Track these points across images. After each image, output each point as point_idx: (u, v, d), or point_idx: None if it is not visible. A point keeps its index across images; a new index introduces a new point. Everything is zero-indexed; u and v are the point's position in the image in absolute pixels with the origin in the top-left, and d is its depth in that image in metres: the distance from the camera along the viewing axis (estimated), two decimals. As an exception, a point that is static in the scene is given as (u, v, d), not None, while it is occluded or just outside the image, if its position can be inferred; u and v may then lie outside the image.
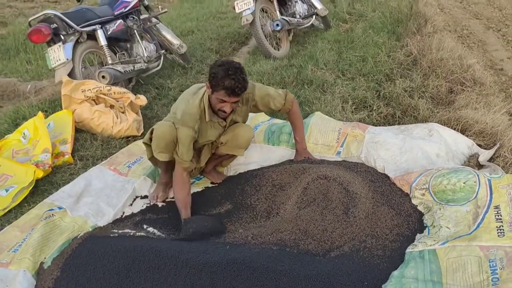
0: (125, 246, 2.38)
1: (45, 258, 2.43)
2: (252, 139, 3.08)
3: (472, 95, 3.92)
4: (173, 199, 3.04)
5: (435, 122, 3.47)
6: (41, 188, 3.09)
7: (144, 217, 2.84)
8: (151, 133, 2.85)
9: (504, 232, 2.19)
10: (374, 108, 3.83)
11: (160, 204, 2.99)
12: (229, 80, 2.52)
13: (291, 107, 3.11)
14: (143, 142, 3.00)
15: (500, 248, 2.11)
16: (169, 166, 2.99)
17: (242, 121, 3.05)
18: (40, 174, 3.08)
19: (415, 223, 2.56)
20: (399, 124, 3.64)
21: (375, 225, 2.53)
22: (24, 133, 3.49)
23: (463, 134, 3.33)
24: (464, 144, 3.21)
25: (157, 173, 3.24)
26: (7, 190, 2.92)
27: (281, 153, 3.34)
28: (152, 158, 3.01)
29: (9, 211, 2.87)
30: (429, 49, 4.69)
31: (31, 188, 2.99)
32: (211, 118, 2.81)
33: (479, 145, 3.26)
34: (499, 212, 2.31)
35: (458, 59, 4.52)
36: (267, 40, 5.41)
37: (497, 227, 2.24)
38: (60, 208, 2.78)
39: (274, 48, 5.58)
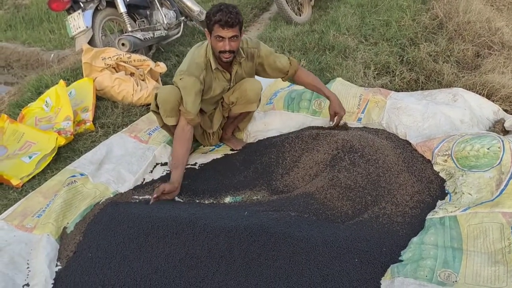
0: (144, 212, 2.42)
1: (68, 223, 2.49)
2: (261, 91, 3.04)
3: (499, 59, 3.79)
4: (193, 166, 3.06)
5: (460, 87, 3.37)
6: (63, 155, 3.14)
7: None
8: (156, 98, 2.85)
9: (528, 199, 2.14)
10: (397, 74, 3.74)
11: (180, 171, 3.00)
12: (220, 13, 2.59)
13: (297, 69, 3.07)
14: (152, 110, 2.99)
15: (524, 215, 2.06)
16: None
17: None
18: (62, 141, 3.13)
19: (437, 190, 2.52)
20: (422, 89, 3.55)
21: (396, 192, 2.49)
22: (46, 101, 3.53)
23: (489, 99, 3.23)
24: (489, 110, 3.12)
25: (176, 140, 3.25)
26: (30, 157, 2.98)
27: (301, 119, 3.30)
28: (164, 126, 3.02)
29: (33, 177, 2.94)
30: (456, 12, 4.52)
31: (53, 155, 3.05)
32: (216, 66, 2.82)
33: (506, 110, 3.18)
34: (523, 178, 2.26)
35: (486, 22, 4.35)
36: (288, 5, 5.31)
37: (521, 193, 2.18)
38: (82, 174, 2.83)
39: (296, 14, 5.48)
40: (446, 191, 2.48)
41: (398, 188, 2.51)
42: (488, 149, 2.45)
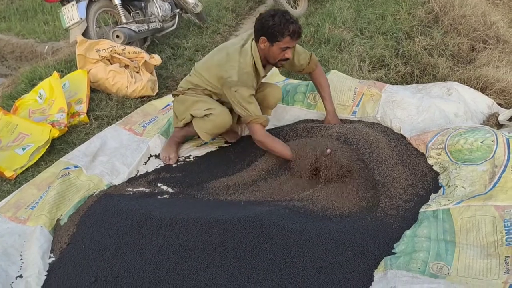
0: (138, 204, 2.42)
1: (61, 215, 2.49)
2: (280, 99, 3.08)
3: (494, 53, 3.79)
4: (188, 158, 3.06)
5: (455, 80, 3.37)
6: (57, 147, 3.13)
7: (158, 175, 2.86)
8: (206, 115, 2.78)
9: (521, 192, 2.14)
10: (392, 67, 3.75)
11: (173, 164, 3.00)
12: (291, 25, 2.52)
13: (316, 67, 3.05)
14: (175, 113, 2.98)
15: (516, 208, 2.06)
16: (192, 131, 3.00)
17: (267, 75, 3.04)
18: (56, 133, 3.12)
19: (430, 183, 2.52)
20: (417, 83, 3.55)
21: (389, 185, 2.50)
22: (40, 93, 3.52)
23: (483, 93, 3.23)
24: (483, 103, 3.13)
25: (170, 130, 3.23)
26: (24, 149, 2.97)
27: (296, 112, 3.30)
28: (180, 128, 3.01)
29: (26, 169, 2.94)
30: (452, 6, 4.51)
31: (47, 147, 3.04)
32: (264, 73, 2.80)
33: (500, 104, 3.18)
34: (516, 171, 2.26)
35: (481, 16, 4.34)
36: (284, -2, 5.29)
37: (513, 186, 2.19)
38: (76, 166, 2.82)
39: (291, 7, 5.46)
40: (440, 184, 2.48)
41: (392, 181, 2.51)
42: (481, 142, 2.45)
